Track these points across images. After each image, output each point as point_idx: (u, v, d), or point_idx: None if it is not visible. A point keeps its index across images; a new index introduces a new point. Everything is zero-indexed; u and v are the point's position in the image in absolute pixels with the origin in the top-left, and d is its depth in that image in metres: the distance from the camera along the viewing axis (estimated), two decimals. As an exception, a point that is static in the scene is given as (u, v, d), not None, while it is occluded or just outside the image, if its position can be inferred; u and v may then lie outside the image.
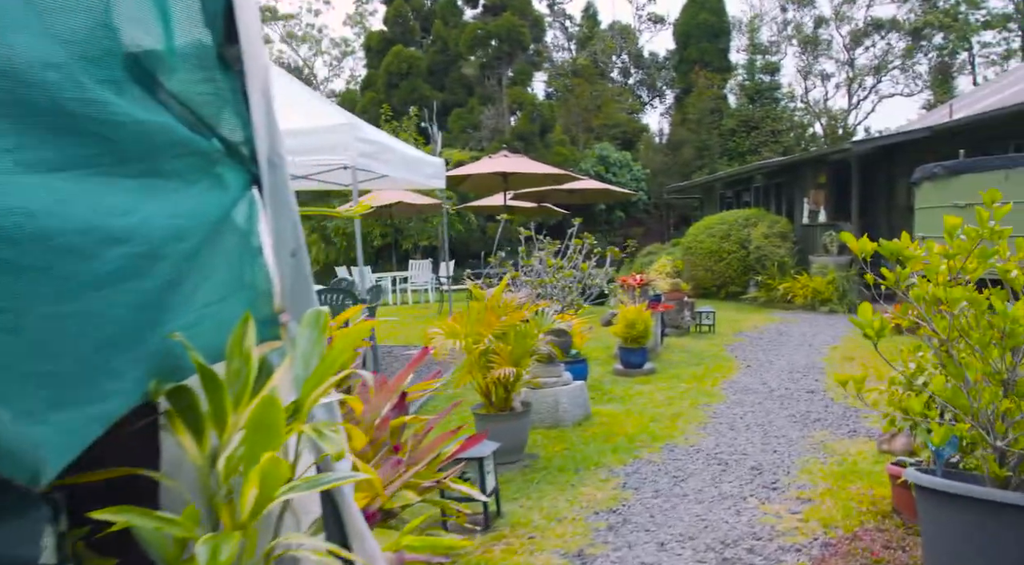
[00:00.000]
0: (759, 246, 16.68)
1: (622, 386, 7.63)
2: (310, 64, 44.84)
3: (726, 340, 10.95)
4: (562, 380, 5.80)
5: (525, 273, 6.35)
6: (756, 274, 16.85)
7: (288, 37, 44.15)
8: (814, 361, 9.06)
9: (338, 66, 45.82)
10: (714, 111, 36.18)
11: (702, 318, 11.74)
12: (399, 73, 35.00)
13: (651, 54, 43.53)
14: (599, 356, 9.37)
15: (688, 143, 35.68)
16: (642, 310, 8.27)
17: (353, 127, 6.22)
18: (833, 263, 15.59)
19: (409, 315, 15.22)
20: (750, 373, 8.33)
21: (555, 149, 30.47)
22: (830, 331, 11.85)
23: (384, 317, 14.03)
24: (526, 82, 32.13)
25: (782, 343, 10.66)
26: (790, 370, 8.46)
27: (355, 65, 45.18)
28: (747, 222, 17.38)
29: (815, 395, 7.01)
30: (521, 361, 4.87)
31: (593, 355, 9.40)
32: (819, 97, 43.38)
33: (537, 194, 18.84)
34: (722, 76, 38.19)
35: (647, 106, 45.99)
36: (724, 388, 7.46)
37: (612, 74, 42.98)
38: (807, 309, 15.18)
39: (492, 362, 4.75)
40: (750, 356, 9.53)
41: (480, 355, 4.70)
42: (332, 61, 45.57)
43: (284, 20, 43.22)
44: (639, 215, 35.50)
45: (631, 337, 8.22)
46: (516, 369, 4.72)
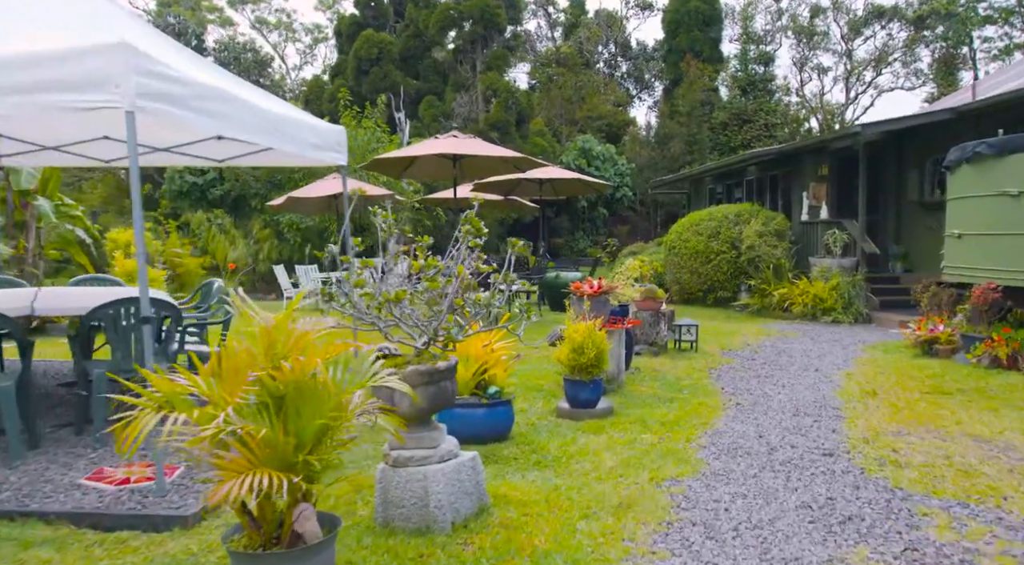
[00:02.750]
0: (752, 246, 14.52)
1: (560, 438, 5.43)
2: (281, 51, 42.48)
3: (711, 362, 8.75)
4: (440, 451, 3.60)
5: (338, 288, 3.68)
6: (748, 278, 14.69)
7: (258, 23, 41.81)
8: (825, 396, 6.87)
9: (311, 53, 43.50)
10: (705, 103, 34.05)
11: (682, 333, 9.56)
12: (369, 59, 32.76)
13: (639, 43, 41.39)
14: (544, 387, 7.16)
15: (677, 137, 33.51)
16: (594, 329, 6.07)
17: (132, 51, 3.99)
18: (837, 266, 13.45)
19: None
20: (740, 416, 6.13)
21: (532, 140, 28.28)
22: (839, 349, 9.67)
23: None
24: (502, 68, 29.89)
25: (781, 366, 8.48)
26: (795, 411, 6.27)
27: (329, 53, 42.90)
28: (739, 218, 15.22)
29: (836, 462, 4.81)
30: (317, 448, 2.65)
31: (534, 387, 7.20)
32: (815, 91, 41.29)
33: (504, 186, 16.63)
34: (713, 67, 36.05)
35: (635, 99, 43.87)
36: (704, 444, 5.26)
37: (598, 65, 40.79)
38: (807, 319, 13.02)
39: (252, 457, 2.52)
40: (740, 386, 7.33)
41: (218, 444, 2.46)
42: (305, 48, 43.26)
43: (252, 4, 40.86)
44: (624, 213, 33.34)
45: (579, 366, 6.02)
46: (279, 478, 2.43)
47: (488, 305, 3.62)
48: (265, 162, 7.84)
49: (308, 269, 18.40)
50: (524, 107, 29.30)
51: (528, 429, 5.73)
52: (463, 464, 3.69)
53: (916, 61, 36.02)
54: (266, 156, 7.48)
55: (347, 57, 33.94)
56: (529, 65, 41.49)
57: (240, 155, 7.48)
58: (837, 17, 36.95)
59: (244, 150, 7.40)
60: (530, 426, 5.83)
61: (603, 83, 37.95)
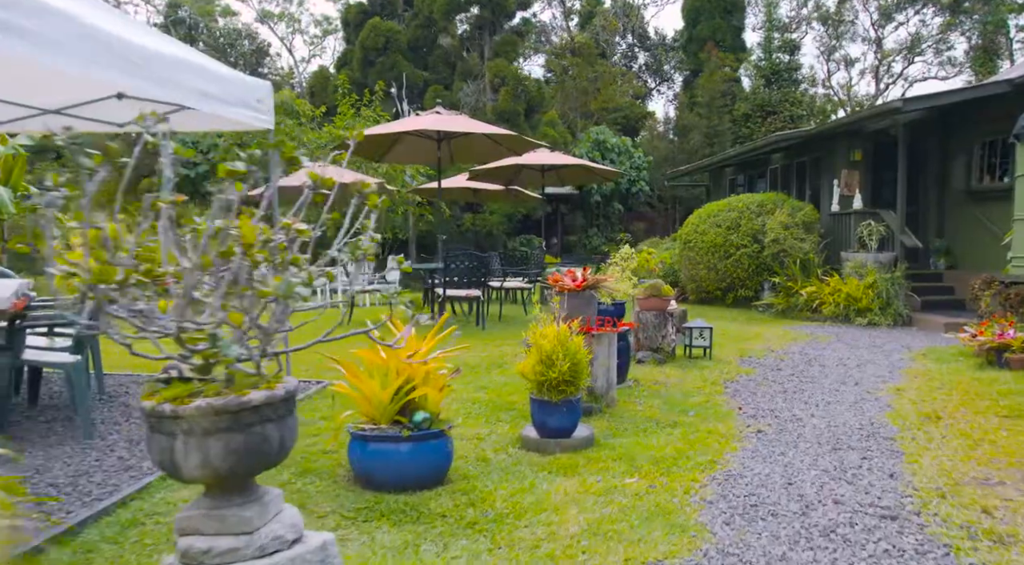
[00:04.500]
0: (776, 239, 12.96)
1: (515, 482, 3.98)
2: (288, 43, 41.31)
3: (727, 372, 7.25)
4: (259, 539, 2.16)
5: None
6: (772, 275, 13.13)
7: (263, 16, 40.64)
8: (873, 419, 5.35)
9: (320, 45, 42.30)
10: (726, 94, 32.38)
11: (694, 337, 8.05)
12: (376, 48, 31.44)
13: (658, 33, 39.77)
14: (516, 405, 5.71)
15: (696, 129, 31.87)
16: (567, 334, 4.60)
17: None
18: (872, 261, 11.87)
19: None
20: (763, 450, 4.64)
21: (543, 130, 26.77)
22: (880, 357, 8.12)
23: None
24: (511, 55, 28.42)
25: (812, 378, 6.96)
26: (835, 442, 4.76)
27: (338, 44, 41.67)
28: (761, 209, 13.66)
29: (904, 531, 3.31)
30: None
31: (504, 405, 5.74)
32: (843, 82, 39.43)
33: (503, 174, 15.19)
34: (735, 56, 34.39)
35: (654, 92, 42.24)
36: (710, 497, 3.78)
37: (615, 57, 39.21)
38: (839, 320, 11.46)
39: None
40: (762, 406, 5.83)
41: None
42: (312, 39, 42.07)
43: (258, -6, 39.70)
44: (641, 208, 31.74)
45: (548, 383, 4.56)
46: None
47: (287, 294, 2.16)
48: (176, 128, 6.44)
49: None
50: (534, 96, 27.80)
51: (477, 467, 4.27)
52: (301, 560, 2.24)
53: (950, 48, 34.13)
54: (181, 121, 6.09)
55: (354, 47, 32.66)
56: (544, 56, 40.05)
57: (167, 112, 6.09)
58: (867, 3, 35.09)
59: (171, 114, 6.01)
60: (481, 462, 4.38)
61: (620, 74, 36.39)
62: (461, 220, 25.66)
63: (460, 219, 25.63)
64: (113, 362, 7.07)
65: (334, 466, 4.21)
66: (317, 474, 4.09)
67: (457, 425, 5.19)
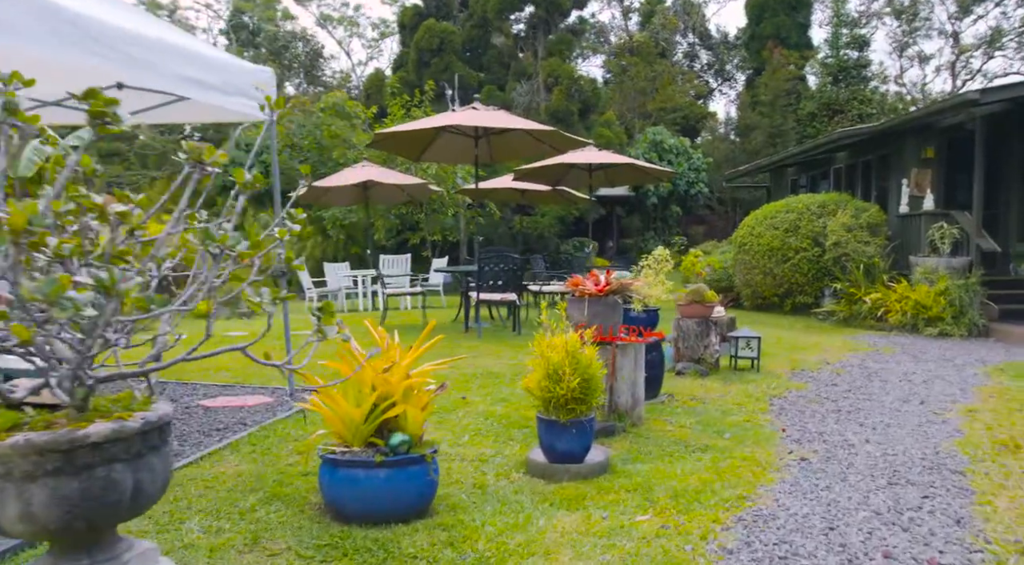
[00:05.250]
0: (838, 242, 12.10)
1: (508, 516, 3.45)
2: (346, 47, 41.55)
3: (775, 387, 6.56)
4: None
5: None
6: (834, 280, 12.28)
7: (323, 20, 40.96)
8: (939, 447, 4.65)
9: (377, 47, 42.46)
10: (790, 93, 31.19)
11: (740, 346, 7.38)
12: (430, 50, 31.26)
13: (720, 31, 38.67)
14: (530, 423, 5.16)
15: (758, 128, 30.78)
16: (578, 345, 4.05)
17: None
18: (944, 266, 10.93)
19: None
20: (804, 483, 4.01)
21: (598, 131, 26.12)
22: (951, 372, 7.32)
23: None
24: (565, 54, 27.84)
25: (871, 395, 6.23)
26: (891, 475, 4.09)
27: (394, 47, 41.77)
28: (823, 210, 12.81)
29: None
30: None
31: (517, 422, 5.21)
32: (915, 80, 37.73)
33: (550, 174, 14.65)
34: (801, 53, 33.13)
35: (715, 92, 41.12)
36: (731, 545, 3.18)
37: (676, 56, 38.27)
38: (906, 330, 10.58)
39: None
40: (810, 428, 5.16)
41: None
42: (371, 42, 42.23)
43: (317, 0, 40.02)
44: (700, 211, 30.80)
45: (555, 400, 4.01)
46: None
47: (51, 298, 1.67)
48: (177, 118, 6.10)
49: (338, 267, 16.86)
50: (589, 96, 27.17)
51: (470, 496, 3.76)
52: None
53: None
54: (179, 111, 5.74)
55: (409, 49, 32.56)
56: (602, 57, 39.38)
57: (145, 109, 5.76)
58: (943, -5, 33.43)
59: (149, 102, 5.69)
60: (477, 489, 3.86)
61: (679, 73, 35.46)
62: (512, 222, 25.17)
63: (511, 221, 25.14)
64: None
65: (308, 491, 3.75)
66: (286, 500, 3.63)
67: (463, 444, 4.70)
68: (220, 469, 4.04)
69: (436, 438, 4.78)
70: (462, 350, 8.56)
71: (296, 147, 22.58)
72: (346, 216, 21.60)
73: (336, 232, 22.27)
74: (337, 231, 22.20)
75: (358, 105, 23.09)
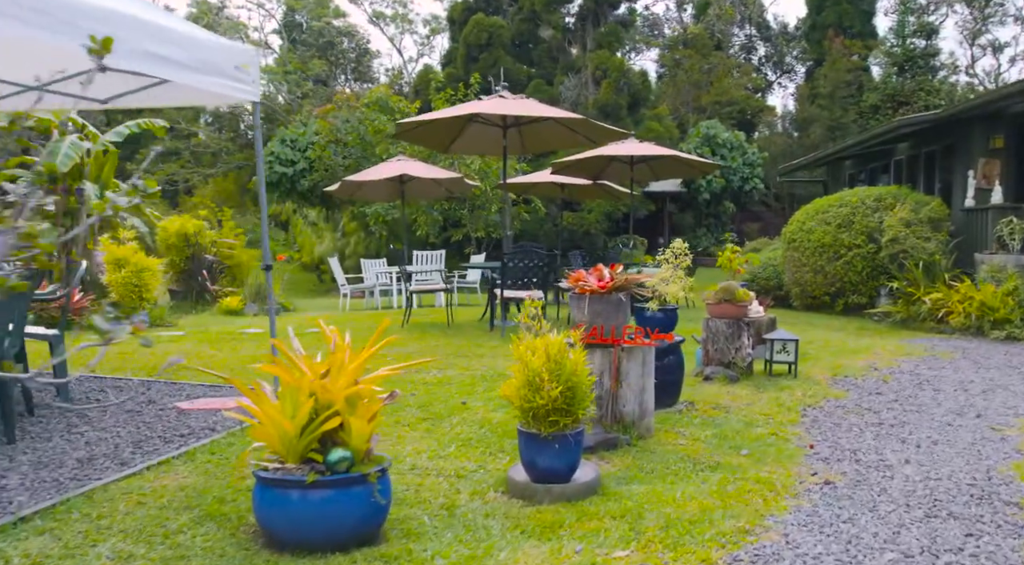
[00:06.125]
0: (896, 238, 11.27)
1: (469, 546, 2.98)
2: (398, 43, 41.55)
3: (812, 395, 5.93)
4: None
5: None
6: (890, 279, 11.44)
7: (375, 17, 41.02)
8: (991, 471, 3.99)
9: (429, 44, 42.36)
10: (851, 84, 29.90)
11: (775, 350, 6.74)
12: (479, 45, 30.95)
13: (778, 22, 37.42)
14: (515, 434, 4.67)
15: (817, 122, 29.59)
16: (563, 349, 3.54)
17: None
18: (1014, 264, 10.05)
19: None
20: (824, 514, 3.43)
21: (648, 125, 25.38)
22: (1016, 380, 6.55)
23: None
24: (614, 46, 27.13)
25: (920, 406, 5.55)
26: (930, 505, 3.48)
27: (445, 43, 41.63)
28: (879, 204, 11.97)
29: None
30: None
31: (512, 431, 4.71)
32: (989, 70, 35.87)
33: (590, 167, 14.11)
34: (864, 43, 31.78)
35: (774, 85, 39.84)
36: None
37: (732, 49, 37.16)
38: (969, 333, 9.73)
39: None
40: (843, 444, 4.54)
41: None
42: (422, 39, 42.17)
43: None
44: (755, 207, 29.77)
45: (535, 411, 3.52)
46: None
47: None
48: (157, 102, 5.78)
49: (374, 263, 16.59)
50: (639, 88, 26.42)
51: (434, 519, 3.29)
52: None
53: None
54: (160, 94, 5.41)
55: (458, 45, 32.29)
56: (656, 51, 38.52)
57: (127, 92, 5.45)
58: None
59: (131, 86, 5.37)
60: (444, 510, 3.39)
61: (735, 66, 34.39)
62: (557, 218, 24.62)
63: (556, 217, 24.59)
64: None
65: (249, 510, 3.32)
66: (221, 521, 3.22)
67: (445, 456, 4.24)
68: (163, 482, 3.65)
69: (419, 448, 4.34)
70: (483, 349, 8.12)
71: (340, 143, 22.45)
72: (388, 212, 21.35)
73: (378, 228, 22.07)
74: (379, 227, 22.00)
75: (402, 100, 22.82)
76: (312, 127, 23.81)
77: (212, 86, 4.76)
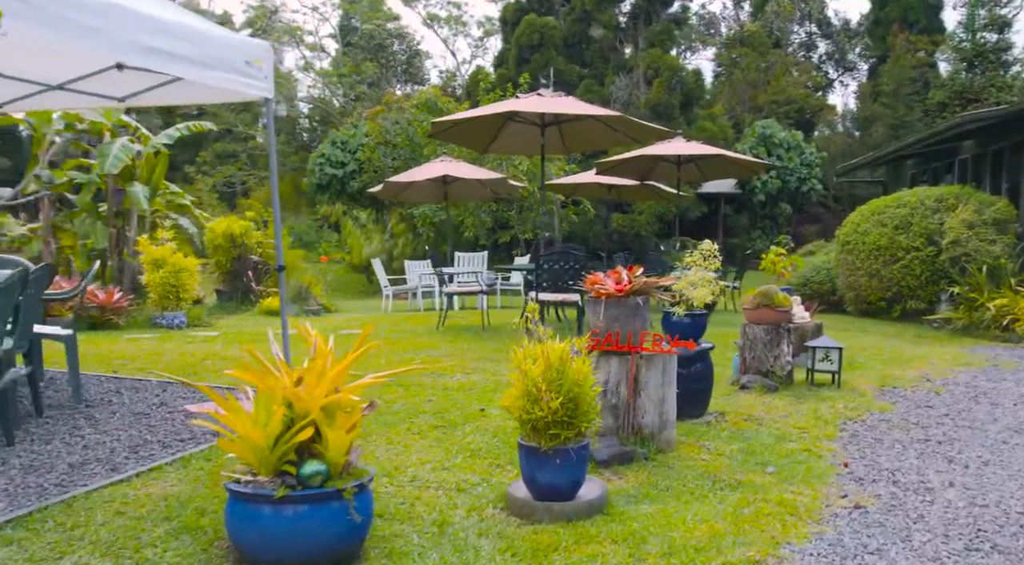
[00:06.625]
0: (957, 240, 10.67)
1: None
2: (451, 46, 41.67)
3: (854, 407, 5.54)
4: None
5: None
6: (951, 284, 10.83)
7: (429, 19, 41.19)
8: (1046, 498, 3.61)
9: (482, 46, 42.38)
10: (917, 81, 28.79)
11: (817, 358, 6.36)
12: (530, 45, 30.78)
13: (840, 18, 36.32)
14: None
15: (880, 120, 28.56)
16: (567, 356, 3.29)
17: None
18: (1087, 269, 9.40)
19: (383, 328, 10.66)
20: (848, 544, 3.10)
21: (700, 125, 24.82)
22: (1084, 396, 6.04)
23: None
24: (666, 44, 26.61)
25: (973, 423, 5.13)
26: (971, 537, 3.12)
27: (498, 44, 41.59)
28: (940, 204, 11.36)
29: None
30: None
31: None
32: (1066, 64, 34.03)
33: (637, 167, 13.81)
34: (931, 38, 30.58)
35: (835, 83, 38.70)
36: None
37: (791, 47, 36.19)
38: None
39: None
40: (881, 463, 4.18)
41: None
42: (475, 41, 42.22)
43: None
44: (813, 209, 28.83)
45: (535, 423, 3.28)
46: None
47: None
48: (173, 100, 5.70)
49: (418, 264, 16.49)
50: (692, 87, 25.85)
51: (423, 537, 3.08)
52: None
53: None
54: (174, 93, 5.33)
55: (510, 46, 32.17)
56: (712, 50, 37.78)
57: (143, 90, 5.38)
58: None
59: (147, 83, 5.30)
60: (435, 528, 3.18)
61: (793, 64, 33.47)
62: (608, 220, 24.26)
63: (607, 219, 24.23)
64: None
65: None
66: (196, 534, 3.06)
67: (449, 467, 4.03)
68: (149, 490, 3.52)
69: (424, 458, 4.14)
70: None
71: (389, 144, 22.49)
72: (435, 214, 21.31)
73: (426, 230, 22.04)
74: (427, 229, 21.96)
75: (451, 101, 22.76)
76: (362, 129, 23.94)
77: (221, 82, 4.64)
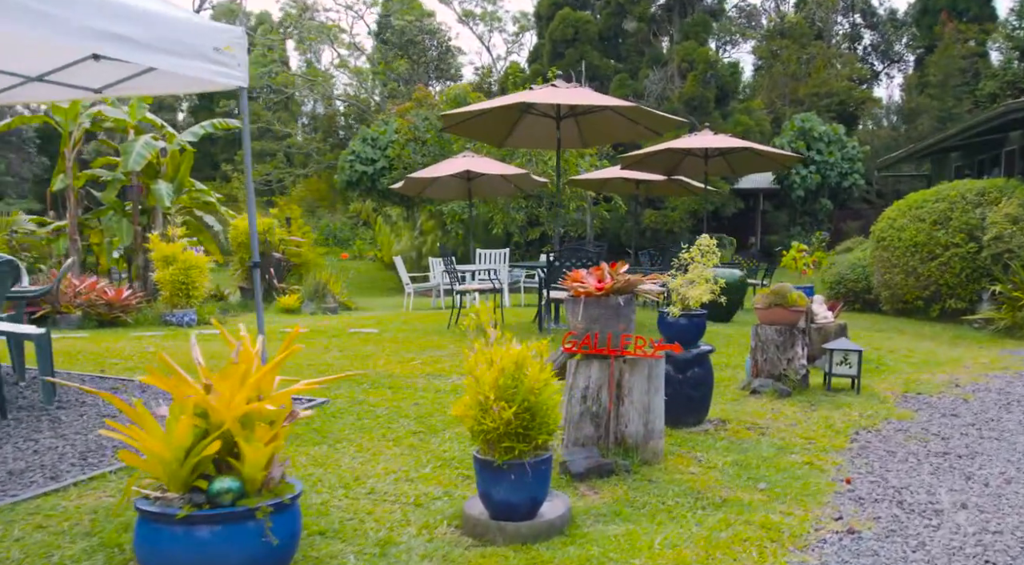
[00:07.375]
0: (1000, 236, 10.08)
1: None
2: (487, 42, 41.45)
3: (871, 415, 5.12)
4: None
5: None
6: (993, 282, 10.24)
7: (465, 16, 41.02)
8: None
9: (518, 41, 42.06)
10: (966, 71, 27.72)
11: (835, 361, 5.94)
12: (564, 40, 30.37)
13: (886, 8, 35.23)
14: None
15: (926, 113, 27.55)
16: (527, 360, 2.98)
17: None
18: None
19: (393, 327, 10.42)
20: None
21: (736, 118, 24.17)
22: None
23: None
24: (701, 36, 25.99)
25: (1000, 434, 4.68)
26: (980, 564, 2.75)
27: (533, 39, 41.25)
28: (982, 198, 10.76)
29: None
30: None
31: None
32: None
33: (664, 161, 13.41)
34: (981, 27, 29.45)
35: (881, 76, 37.57)
36: None
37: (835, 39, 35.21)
38: (1084, 346, 8.54)
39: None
40: (889, 480, 3.79)
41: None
42: (511, 37, 41.93)
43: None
44: (855, 204, 27.93)
45: (487, 434, 2.98)
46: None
47: None
48: (150, 90, 5.51)
49: (441, 262, 16.28)
50: (727, 81, 25.20)
51: (360, 559, 2.81)
52: None
53: None
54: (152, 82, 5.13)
55: (544, 41, 31.81)
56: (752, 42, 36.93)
57: (118, 80, 5.20)
58: None
59: (123, 74, 5.12)
60: (376, 548, 2.90)
61: (836, 55, 32.51)
62: (640, 216, 23.76)
63: (639, 215, 23.73)
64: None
65: (151, 540, 2.92)
66: (112, 554, 2.81)
67: (415, 478, 3.75)
68: (82, 501, 3.30)
69: (391, 467, 3.86)
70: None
71: (419, 141, 22.33)
72: (464, 211, 21.10)
73: (455, 227, 21.83)
74: (456, 226, 21.75)
75: (481, 97, 22.51)
76: (392, 125, 23.82)
77: (189, 70, 4.43)
